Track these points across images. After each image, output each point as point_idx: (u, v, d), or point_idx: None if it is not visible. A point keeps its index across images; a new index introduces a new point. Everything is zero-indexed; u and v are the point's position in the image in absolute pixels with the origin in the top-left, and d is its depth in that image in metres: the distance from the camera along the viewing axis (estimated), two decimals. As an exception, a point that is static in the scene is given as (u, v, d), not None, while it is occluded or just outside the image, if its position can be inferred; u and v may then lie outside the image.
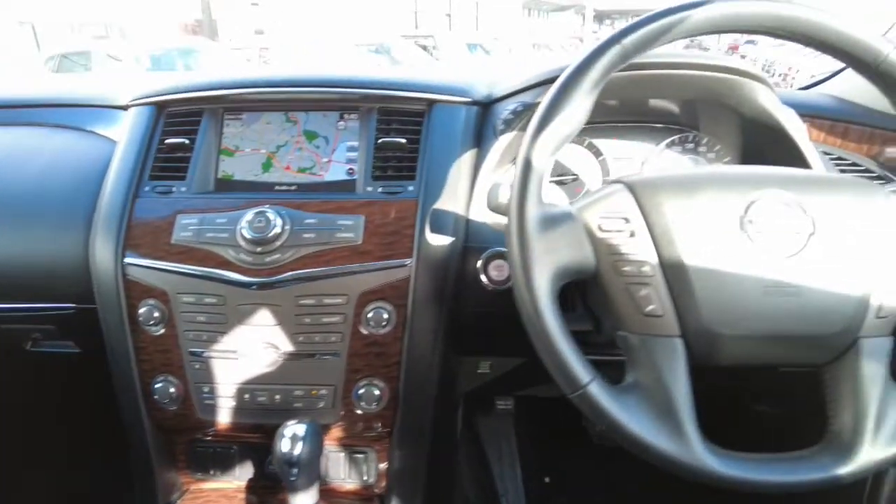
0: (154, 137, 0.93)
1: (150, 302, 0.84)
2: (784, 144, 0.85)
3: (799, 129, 0.85)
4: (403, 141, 0.88)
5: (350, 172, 0.90)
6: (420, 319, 0.83)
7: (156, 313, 0.83)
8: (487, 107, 0.95)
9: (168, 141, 0.92)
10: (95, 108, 1.04)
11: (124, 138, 0.94)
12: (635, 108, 0.94)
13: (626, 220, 0.59)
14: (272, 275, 0.81)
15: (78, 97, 1.08)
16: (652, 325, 0.58)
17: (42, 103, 1.10)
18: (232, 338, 0.83)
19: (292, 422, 0.75)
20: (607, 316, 0.65)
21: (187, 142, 0.91)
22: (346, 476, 0.92)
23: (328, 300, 0.81)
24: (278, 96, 0.94)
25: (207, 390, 0.85)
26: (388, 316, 0.81)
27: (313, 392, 0.84)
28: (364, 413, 0.85)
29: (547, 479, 1.42)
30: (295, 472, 0.71)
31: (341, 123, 0.93)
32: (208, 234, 0.83)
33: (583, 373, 0.56)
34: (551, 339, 0.56)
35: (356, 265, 0.81)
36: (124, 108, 0.99)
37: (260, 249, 0.81)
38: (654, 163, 0.95)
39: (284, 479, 0.73)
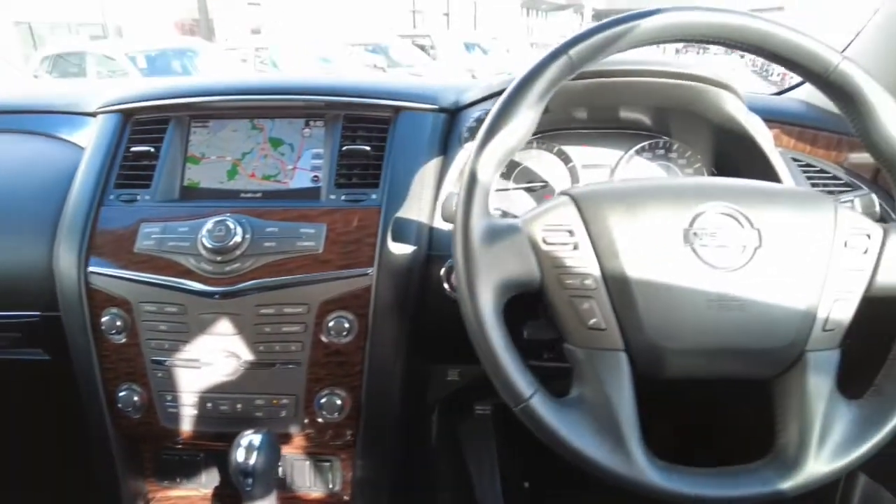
0: (120, 145, 0.93)
1: (113, 311, 0.83)
2: (752, 151, 0.84)
3: (765, 137, 0.85)
4: (368, 148, 0.88)
5: (315, 180, 0.90)
6: (382, 328, 0.82)
7: (118, 322, 0.83)
8: (455, 114, 0.94)
9: (134, 149, 0.91)
10: (65, 115, 1.04)
11: (90, 146, 0.94)
12: (606, 115, 0.94)
13: (571, 232, 0.58)
14: (232, 284, 0.80)
15: (47, 103, 1.08)
16: (596, 338, 0.57)
17: (11, 109, 1.09)
18: (194, 347, 0.83)
19: (249, 431, 0.74)
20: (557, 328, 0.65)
21: (152, 150, 0.91)
22: (311, 484, 0.92)
23: (288, 309, 0.81)
24: (245, 104, 0.94)
25: (171, 399, 0.85)
26: (350, 325, 0.81)
27: (275, 401, 0.83)
28: (326, 422, 0.84)
29: (526, 485, 1.42)
30: (250, 482, 0.71)
31: (307, 130, 0.93)
32: (170, 243, 0.83)
33: (525, 386, 0.56)
34: (494, 352, 0.56)
35: (317, 274, 0.80)
36: (93, 114, 0.99)
37: (220, 258, 0.80)
38: (624, 169, 0.95)
39: (240, 489, 0.73)
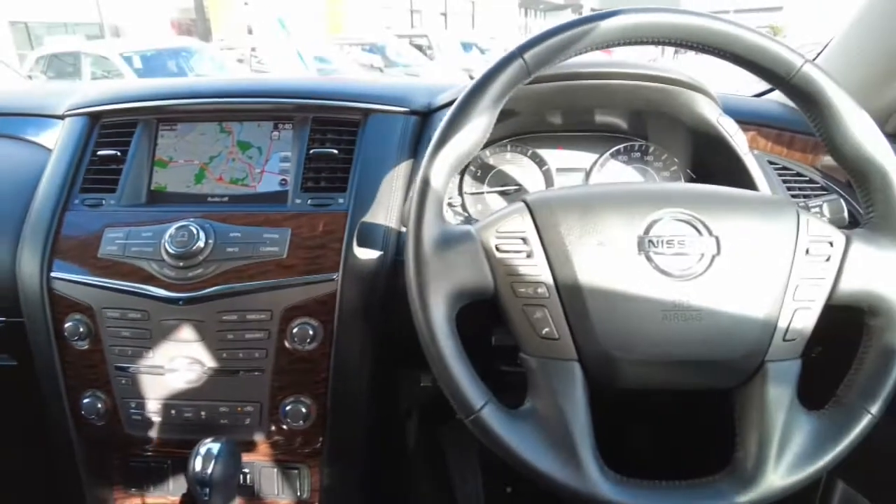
0: (87, 149, 0.91)
1: (76, 317, 0.82)
2: (727, 154, 0.83)
3: (739, 139, 0.83)
4: (335, 152, 0.87)
5: (283, 183, 0.89)
6: (347, 335, 0.81)
7: (81, 328, 0.82)
8: (427, 116, 0.93)
9: (100, 152, 0.90)
10: (33, 117, 1.03)
11: (57, 149, 0.93)
12: (581, 118, 0.92)
13: (524, 240, 0.57)
14: (195, 290, 0.79)
15: (16, 106, 1.07)
16: (548, 347, 0.56)
17: None
18: (157, 353, 0.81)
19: (208, 440, 0.73)
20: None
21: (119, 153, 0.89)
22: (279, 492, 0.91)
23: (251, 316, 0.79)
24: (213, 106, 0.93)
25: (135, 406, 0.84)
26: (314, 332, 0.80)
27: (239, 409, 0.82)
28: (292, 430, 0.83)
29: (509, 489, 1.41)
30: (207, 492, 0.69)
31: (275, 133, 0.91)
32: (133, 249, 0.81)
33: (476, 397, 0.54)
34: (444, 361, 0.54)
35: (280, 280, 0.79)
36: (61, 117, 0.98)
37: (183, 264, 0.79)
38: (599, 173, 0.94)
39: (198, 499, 0.71)
